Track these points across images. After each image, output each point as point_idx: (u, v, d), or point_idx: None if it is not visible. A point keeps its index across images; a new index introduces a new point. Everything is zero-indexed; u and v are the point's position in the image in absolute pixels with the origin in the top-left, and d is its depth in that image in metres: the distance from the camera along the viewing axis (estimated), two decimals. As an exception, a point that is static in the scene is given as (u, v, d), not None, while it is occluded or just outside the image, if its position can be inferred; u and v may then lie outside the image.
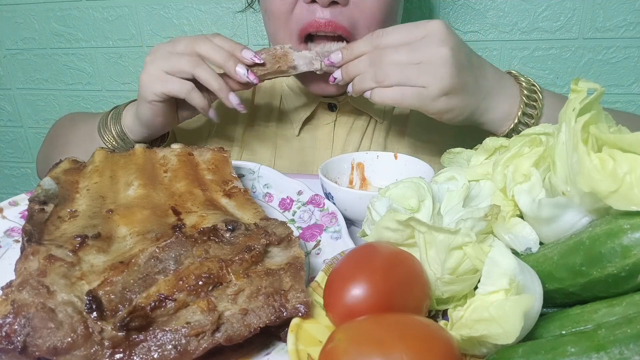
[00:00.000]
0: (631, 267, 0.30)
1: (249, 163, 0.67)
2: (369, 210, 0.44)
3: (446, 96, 0.56)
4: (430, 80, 0.55)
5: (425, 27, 0.56)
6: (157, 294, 0.36)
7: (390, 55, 0.56)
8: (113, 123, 0.71)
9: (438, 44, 0.55)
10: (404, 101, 0.57)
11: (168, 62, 0.62)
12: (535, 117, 0.60)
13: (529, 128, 0.43)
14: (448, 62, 0.54)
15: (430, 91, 0.55)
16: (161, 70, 0.62)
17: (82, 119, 0.81)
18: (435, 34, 0.55)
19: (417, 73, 0.55)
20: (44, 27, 1.36)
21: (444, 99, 0.56)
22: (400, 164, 0.64)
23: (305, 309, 0.37)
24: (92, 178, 0.55)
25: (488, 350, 0.33)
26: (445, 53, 0.54)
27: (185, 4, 1.24)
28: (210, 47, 0.62)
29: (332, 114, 0.83)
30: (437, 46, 0.55)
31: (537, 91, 0.61)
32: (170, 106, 0.66)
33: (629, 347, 0.26)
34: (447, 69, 0.54)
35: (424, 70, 0.55)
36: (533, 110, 0.60)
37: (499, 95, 0.60)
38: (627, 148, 0.31)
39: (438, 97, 0.56)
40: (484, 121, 0.61)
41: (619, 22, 1.05)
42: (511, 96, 0.60)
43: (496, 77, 0.61)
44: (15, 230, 0.55)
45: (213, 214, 0.47)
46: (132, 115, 0.70)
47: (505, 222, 0.39)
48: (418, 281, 0.36)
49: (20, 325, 0.34)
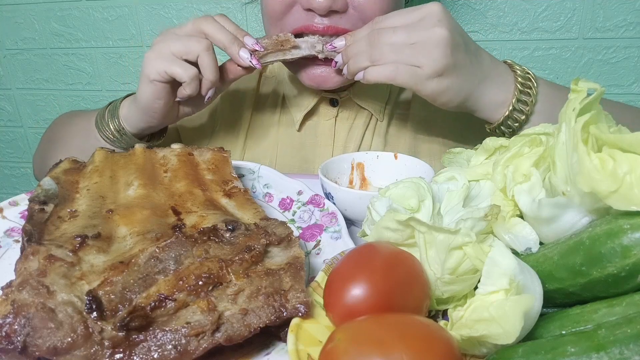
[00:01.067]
0: (631, 267, 0.30)
1: (249, 163, 0.67)
2: (369, 210, 0.44)
3: (440, 77, 0.56)
4: (424, 60, 0.56)
5: (423, 9, 0.57)
6: (157, 294, 0.36)
7: (387, 36, 0.57)
8: (110, 116, 0.71)
9: (434, 24, 0.56)
10: (397, 79, 0.57)
11: (176, 42, 0.62)
12: (530, 104, 0.60)
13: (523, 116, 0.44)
14: (443, 42, 0.55)
15: (424, 71, 0.56)
16: (169, 50, 0.62)
17: (79, 115, 0.81)
18: (433, 15, 0.56)
19: (412, 52, 0.56)
20: (44, 27, 1.36)
21: (438, 79, 0.57)
22: (400, 164, 0.64)
23: (305, 309, 0.37)
24: (92, 178, 0.55)
25: (488, 350, 0.33)
26: (440, 33, 0.55)
27: (185, 4, 1.24)
28: (216, 27, 0.63)
29: (334, 110, 0.83)
30: (433, 27, 0.55)
31: (532, 79, 0.61)
32: (170, 91, 0.66)
33: (629, 347, 0.26)
34: (442, 49, 0.55)
35: (419, 50, 0.56)
36: (527, 97, 0.60)
37: (494, 81, 0.61)
38: (627, 148, 0.31)
39: (432, 77, 0.56)
40: (479, 107, 0.62)
41: (619, 22, 1.05)
42: (505, 83, 0.61)
43: (492, 64, 0.61)
44: (15, 230, 0.55)
45: (213, 214, 0.47)
46: (129, 103, 0.70)
47: (505, 222, 0.39)
48: (418, 281, 0.36)
49: (20, 325, 0.34)
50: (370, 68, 0.59)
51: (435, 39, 0.55)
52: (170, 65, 0.62)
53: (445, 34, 0.55)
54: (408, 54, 0.56)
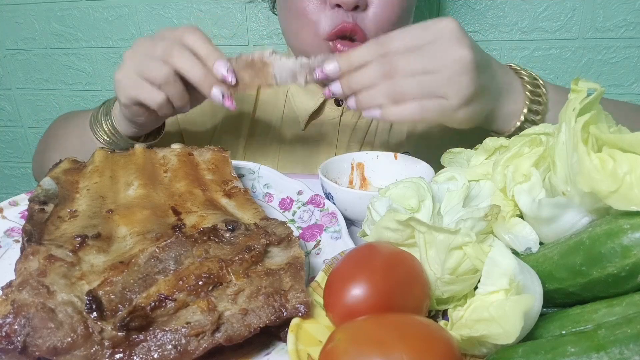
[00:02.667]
0: (631, 267, 0.30)
1: (249, 163, 0.67)
2: (369, 210, 0.44)
3: (467, 105, 0.50)
4: (450, 90, 0.49)
5: (436, 27, 0.50)
6: (157, 294, 0.36)
7: (402, 64, 0.49)
8: (104, 117, 0.69)
9: (454, 46, 0.49)
10: (425, 116, 0.51)
11: (143, 65, 0.58)
12: (542, 113, 0.57)
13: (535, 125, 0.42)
14: (468, 67, 0.49)
15: (451, 102, 0.50)
16: (135, 73, 0.58)
17: (75, 115, 0.80)
18: (449, 34, 0.49)
19: (435, 82, 0.49)
20: (44, 27, 1.36)
21: (465, 108, 0.51)
22: (400, 164, 0.64)
23: (305, 309, 0.37)
24: (92, 178, 0.55)
25: (488, 350, 0.33)
26: (463, 56, 0.49)
27: (185, 4, 1.24)
28: (186, 61, 0.56)
29: (339, 109, 0.83)
30: (453, 49, 0.49)
31: (541, 85, 0.58)
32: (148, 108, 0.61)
33: (629, 347, 0.26)
34: (468, 74, 0.49)
35: (442, 79, 0.49)
36: (538, 106, 0.56)
37: (508, 93, 0.56)
38: (627, 148, 0.31)
39: (460, 107, 0.50)
40: (492, 121, 0.58)
41: (619, 22, 1.05)
42: (515, 92, 0.57)
43: (503, 74, 0.57)
44: (15, 230, 0.55)
45: (213, 214, 0.47)
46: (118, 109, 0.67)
47: (505, 222, 0.39)
48: (418, 281, 0.36)
49: (20, 325, 0.34)
50: (391, 108, 0.51)
51: (458, 64, 0.49)
52: (137, 91, 0.58)
53: (469, 56, 0.49)
54: (431, 84, 0.49)
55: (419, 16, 1.12)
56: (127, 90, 0.59)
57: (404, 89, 0.50)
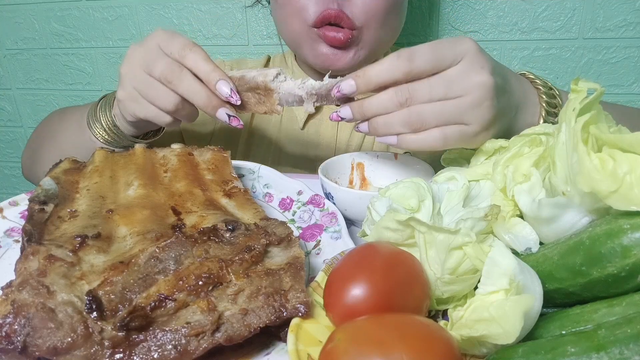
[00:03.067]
0: (631, 267, 0.30)
1: (249, 163, 0.67)
2: (369, 210, 0.44)
3: (487, 130, 0.49)
4: (471, 117, 0.47)
5: (456, 47, 0.47)
6: (157, 294, 0.36)
7: (423, 91, 0.47)
8: (103, 113, 0.66)
9: (476, 71, 0.47)
10: (446, 145, 0.49)
11: (145, 86, 0.56)
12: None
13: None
14: (490, 93, 0.47)
15: (472, 128, 0.48)
16: (138, 94, 0.57)
17: (71, 111, 0.77)
18: (470, 58, 0.47)
19: (456, 110, 0.47)
20: (44, 27, 1.36)
21: (485, 133, 0.49)
22: (400, 164, 0.64)
23: (305, 309, 0.37)
24: (92, 178, 0.55)
25: (488, 350, 0.33)
26: (485, 81, 0.47)
27: (185, 4, 1.24)
28: (189, 87, 0.55)
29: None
30: (475, 74, 0.47)
31: (557, 96, 0.56)
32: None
33: (629, 347, 0.26)
34: (490, 100, 0.47)
35: (465, 105, 0.47)
36: (554, 118, 0.54)
37: (525, 106, 0.55)
38: (627, 148, 0.31)
39: (480, 132, 0.49)
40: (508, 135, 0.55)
41: (619, 22, 1.05)
42: (532, 105, 0.56)
43: (519, 87, 0.55)
44: (15, 230, 0.55)
45: (213, 214, 0.47)
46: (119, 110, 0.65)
47: (505, 222, 0.39)
48: (418, 281, 0.36)
49: (20, 325, 0.34)
50: (410, 136, 0.49)
51: (481, 90, 0.47)
52: (145, 113, 0.58)
53: (490, 82, 0.47)
54: (452, 111, 0.47)
55: (419, 17, 1.12)
56: (134, 111, 0.59)
57: (423, 116, 0.47)
